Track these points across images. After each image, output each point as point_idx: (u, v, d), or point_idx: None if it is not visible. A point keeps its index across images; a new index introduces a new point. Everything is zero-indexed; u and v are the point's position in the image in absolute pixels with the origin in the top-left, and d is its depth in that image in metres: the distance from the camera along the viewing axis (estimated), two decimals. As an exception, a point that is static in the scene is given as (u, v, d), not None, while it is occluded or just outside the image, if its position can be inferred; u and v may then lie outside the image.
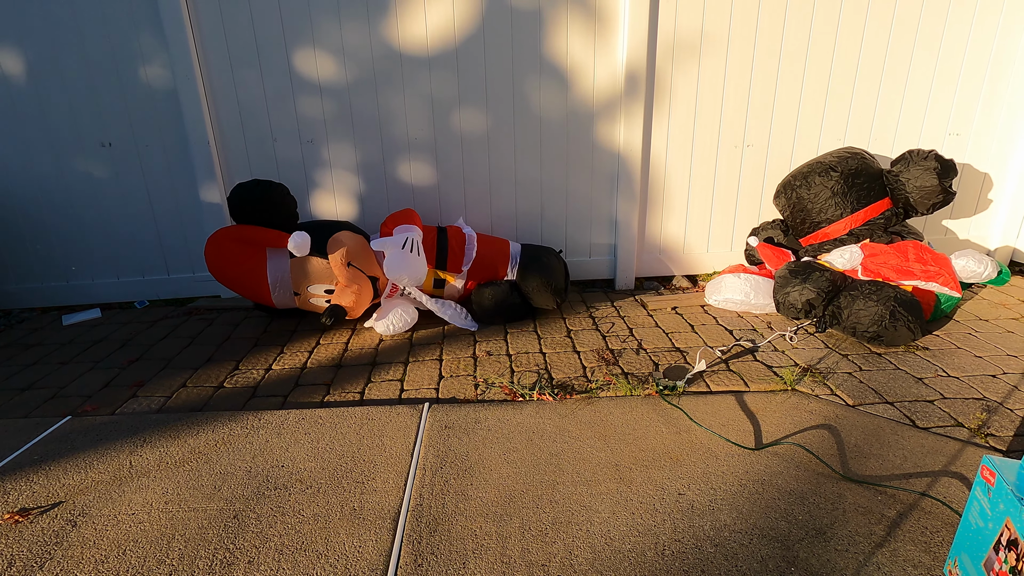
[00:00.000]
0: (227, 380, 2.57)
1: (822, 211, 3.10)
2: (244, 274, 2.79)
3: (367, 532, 1.61)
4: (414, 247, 2.80)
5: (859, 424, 2.04)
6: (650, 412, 2.16)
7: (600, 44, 3.25)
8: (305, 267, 2.81)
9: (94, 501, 1.77)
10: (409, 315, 2.92)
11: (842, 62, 3.33)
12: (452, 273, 3.02)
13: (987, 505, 1.29)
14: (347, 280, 2.78)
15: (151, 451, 2.02)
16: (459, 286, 3.08)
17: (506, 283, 3.05)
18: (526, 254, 3.13)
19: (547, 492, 1.75)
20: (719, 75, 3.32)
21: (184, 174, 3.37)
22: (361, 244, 2.93)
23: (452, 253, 3.00)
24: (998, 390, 2.25)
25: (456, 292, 3.11)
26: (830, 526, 1.58)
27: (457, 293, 3.12)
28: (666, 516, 1.64)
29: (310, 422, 2.16)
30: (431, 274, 3.02)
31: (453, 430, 2.08)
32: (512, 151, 3.43)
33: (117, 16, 3.09)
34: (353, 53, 3.19)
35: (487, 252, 3.08)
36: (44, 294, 3.57)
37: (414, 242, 2.81)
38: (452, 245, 3.01)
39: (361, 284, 2.85)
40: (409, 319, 2.92)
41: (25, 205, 3.39)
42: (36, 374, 2.71)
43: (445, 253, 2.99)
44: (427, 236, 2.99)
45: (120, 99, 3.23)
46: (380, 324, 2.90)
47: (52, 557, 1.56)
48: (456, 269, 3.01)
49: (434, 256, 2.98)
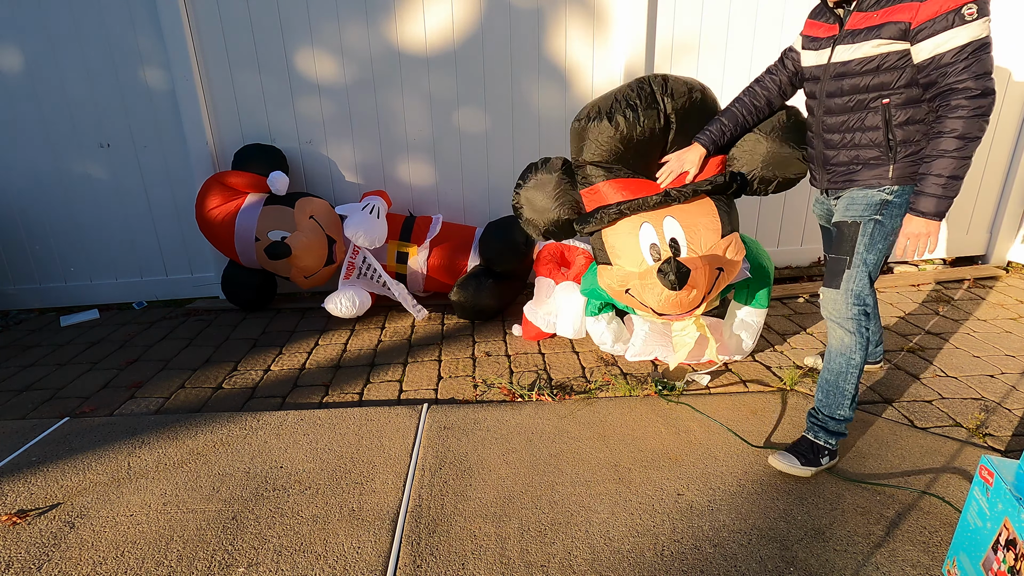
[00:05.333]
0: (226, 381, 2.57)
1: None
2: (219, 217, 3.04)
3: (366, 533, 1.60)
4: (375, 211, 2.99)
5: (858, 424, 2.04)
6: (649, 413, 2.16)
7: (599, 44, 3.25)
8: (271, 215, 3.02)
9: (92, 503, 1.77)
10: (360, 298, 3.00)
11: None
12: (415, 245, 3.15)
13: (985, 505, 1.29)
14: (304, 229, 3.00)
15: (149, 452, 2.02)
16: (422, 259, 3.14)
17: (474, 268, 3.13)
18: (485, 228, 3.15)
19: (546, 493, 1.75)
20: (717, 76, 3.32)
21: (183, 175, 3.37)
22: (327, 208, 3.18)
23: (417, 227, 3.19)
24: (996, 390, 2.25)
25: (419, 273, 3.18)
26: (829, 526, 1.58)
27: (420, 276, 3.18)
28: (665, 516, 1.64)
29: (309, 423, 2.15)
30: (394, 247, 3.16)
31: (452, 431, 2.08)
32: (511, 151, 3.43)
33: (116, 17, 3.09)
34: (352, 53, 3.19)
35: (452, 230, 3.24)
36: (42, 295, 3.57)
37: (376, 208, 3.01)
38: (418, 222, 3.22)
39: (316, 236, 3.01)
40: (359, 302, 2.99)
41: (23, 205, 3.38)
42: (34, 375, 2.71)
43: (410, 229, 3.18)
44: (395, 219, 3.22)
45: (119, 100, 3.23)
46: (331, 304, 2.98)
47: (50, 559, 1.55)
48: (419, 241, 3.15)
49: (399, 231, 3.17)
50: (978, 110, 1.50)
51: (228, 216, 3.03)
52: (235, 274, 3.23)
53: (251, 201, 3.07)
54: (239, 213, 3.03)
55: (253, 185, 3.09)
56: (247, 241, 3.03)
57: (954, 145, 1.52)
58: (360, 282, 3.12)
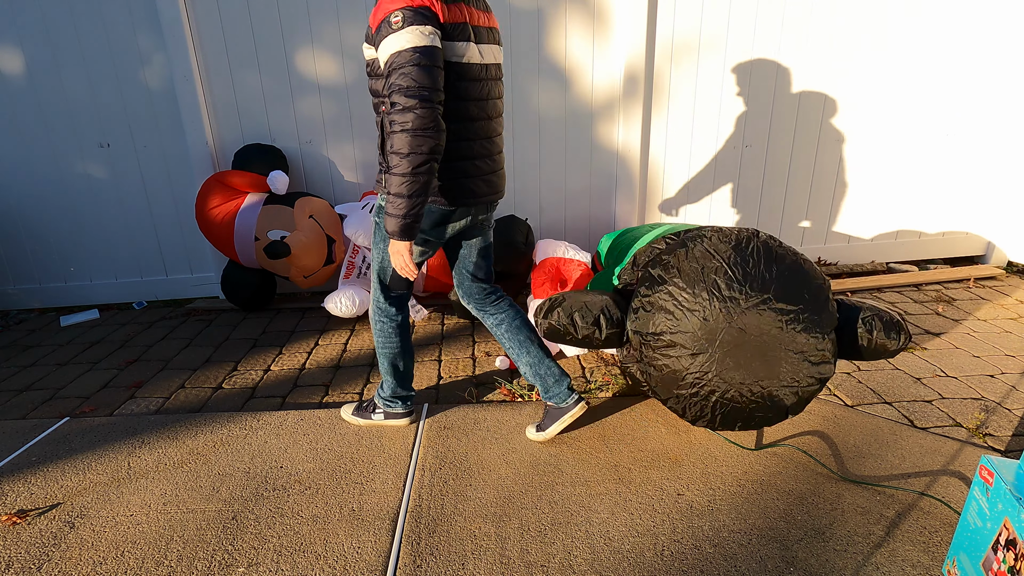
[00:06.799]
0: (226, 381, 2.57)
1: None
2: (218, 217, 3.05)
3: (366, 533, 1.60)
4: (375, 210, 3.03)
5: (858, 424, 2.04)
6: (649, 413, 2.16)
7: (599, 44, 3.25)
8: (271, 215, 3.02)
9: (92, 503, 1.77)
10: (360, 297, 3.00)
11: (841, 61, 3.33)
12: None
13: (985, 505, 1.29)
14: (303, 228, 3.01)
15: (149, 452, 2.02)
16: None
17: None
18: None
19: (546, 493, 1.75)
20: (717, 75, 3.33)
21: (182, 175, 3.37)
22: (327, 208, 3.18)
23: None
24: (996, 390, 2.25)
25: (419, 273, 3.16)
26: (829, 526, 1.58)
27: (420, 276, 3.19)
28: (665, 516, 1.64)
29: (309, 423, 2.15)
30: None
31: (452, 431, 2.08)
32: (511, 151, 3.43)
33: (115, 17, 3.09)
34: (352, 53, 3.19)
35: None
36: (42, 295, 3.57)
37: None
38: None
39: (315, 236, 3.02)
40: (359, 301, 2.99)
41: (23, 205, 3.38)
42: (34, 375, 2.71)
43: None
44: None
45: (119, 100, 3.23)
46: (331, 304, 2.98)
47: (50, 559, 1.55)
48: None
49: None
50: (403, 125, 1.42)
51: (228, 216, 3.03)
52: (235, 274, 3.23)
53: (251, 201, 3.07)
54: (239, 213, 3.04)
55: (253, 185, 3.09)
56: (247, 241, 3.03)
57: (394, 162, 1.46)
58: (360, 282, 3.12)
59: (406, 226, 1.52)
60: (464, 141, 1.64)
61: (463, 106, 1.60)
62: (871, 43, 3.31)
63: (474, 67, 1.60)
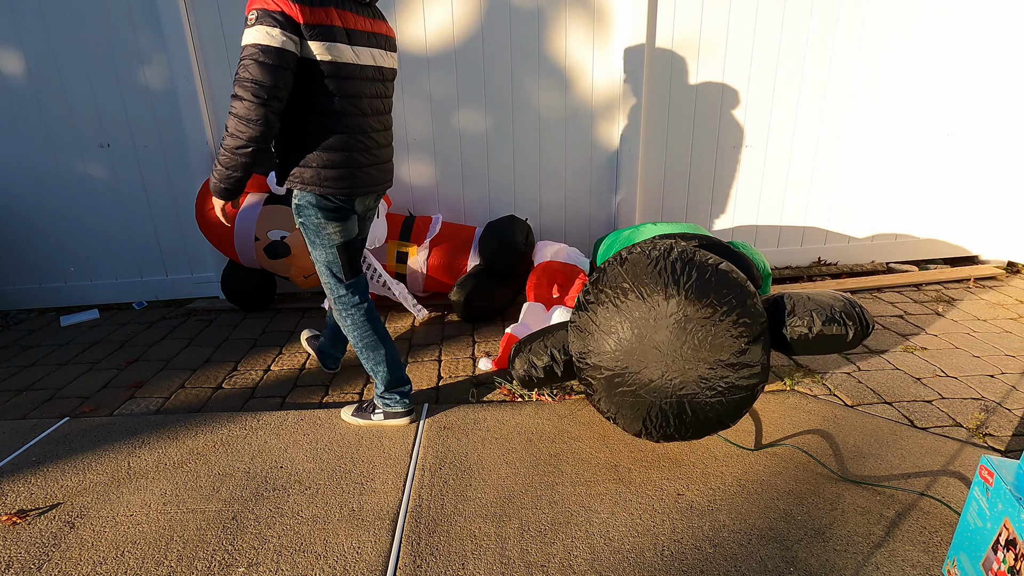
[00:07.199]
0: (226, 381, 2.57)
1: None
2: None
3: (366, 533, 1.60)
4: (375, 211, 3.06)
5: (858, 424, 2.04)
6: (649, 412, 2.16)
7: (599, 44, 3.25)
8: (270, 214, 3.03)
9: (92, 503, 1.77)
10: None
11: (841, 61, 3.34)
12: (415, 244, 3.15)
13: (985, 505, 1.29)
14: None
15: (149, 452, 2.02)
16: (422, 259, 3.14)
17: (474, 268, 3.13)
18: (485, 228, 3.16)
19: (546, 493, 1.75)
20: (717, 75, 3.33)
21: (182, 175, 3.37)
22: None
23: (417, 227, 3.20)
24: (996, 390, 2.25)
25: (419, 273, 3.17)
26: (829, 526, 1.58)
27: (420, 276, 3.18)
28: (665, 516, 1.64)
29: (309, 423, 2.15)
30: (393, 247, 3.16)
31: (452, 431, 2.08)
32: (511, 151, 3.43)
33: (115, 17, 3.09)
34: (352, 54, 3.19)
35: (452, 230, 3.23)
36: (42, 295, 3.57)
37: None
38: (418, 221, 3.22)
39: None
40: None
41: (23, 205, 3.38)
42: (34, 375, 2.71)
43: (410, 229, 3.19)
44: (395, 219, 3.24)
45: (119, 100, 3.23)
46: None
47: (50, 559, 1.55)
48: (419, 240, 3.16)
49: (399, 230, 3.18)
50: (234, 110, 1.60)
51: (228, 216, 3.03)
52: (235, 274, 3.23)
53: (251, 201, 3.08)
54: (238, 212, 3.04)
55: (253, 185, 3.09)
56: (246, 240, 3.03)
57: (224, 139, 1.65)
58: None
59: (223, 190, 1.74)
60: (334, 135, 1.75)
61: (331, 101, 1.71)
62: (872, 43, 3.31)
63: (347, 66, 1.71)
